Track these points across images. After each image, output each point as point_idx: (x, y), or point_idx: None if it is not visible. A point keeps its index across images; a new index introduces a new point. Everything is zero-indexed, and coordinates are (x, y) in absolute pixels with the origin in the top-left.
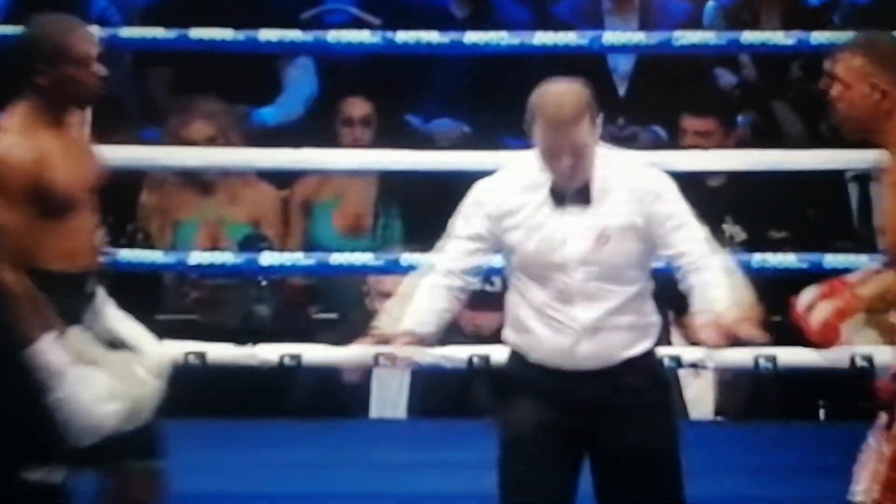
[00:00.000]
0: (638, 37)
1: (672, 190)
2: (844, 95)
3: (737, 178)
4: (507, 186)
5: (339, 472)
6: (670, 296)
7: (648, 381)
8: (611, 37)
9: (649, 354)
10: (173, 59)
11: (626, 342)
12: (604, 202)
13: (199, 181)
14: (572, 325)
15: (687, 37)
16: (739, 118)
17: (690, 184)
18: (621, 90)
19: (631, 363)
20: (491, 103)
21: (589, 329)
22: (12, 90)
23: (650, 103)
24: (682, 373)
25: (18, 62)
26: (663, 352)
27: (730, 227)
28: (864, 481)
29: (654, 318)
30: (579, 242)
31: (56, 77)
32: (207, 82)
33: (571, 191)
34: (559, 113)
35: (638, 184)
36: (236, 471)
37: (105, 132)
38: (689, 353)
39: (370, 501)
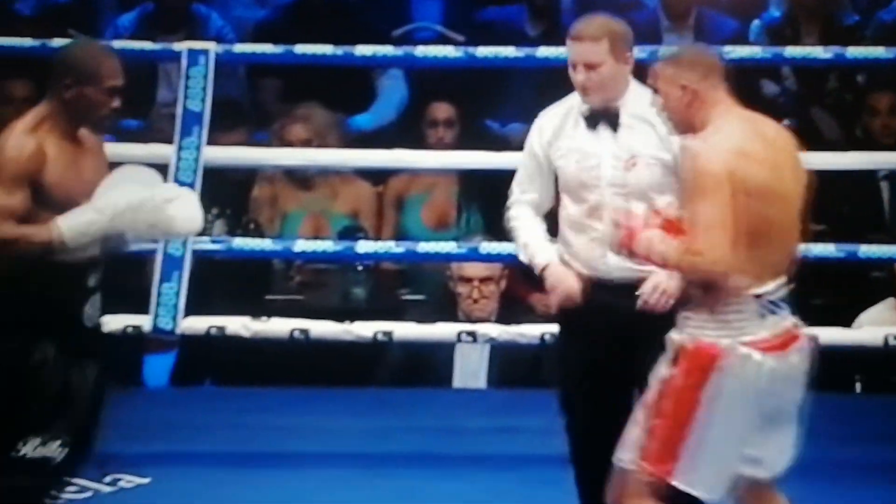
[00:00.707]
0: None
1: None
2: (665, 103)
3: None
4: (556, 114)
5: (424, 436)
6: None
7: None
8: (668, 51)
9: None
10: (281, 71)
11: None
12: (634, 130)
13: (303, 178)
14: (601, 237)
15: (736, 51)
16: (784, 123)
17: None
18: None
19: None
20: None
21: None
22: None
23: None
24: None
25: (53, 70)
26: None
27: None
28: (627, 447)
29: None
30: (609, 164)
31: (78, 95)
32: (311, 92)
33: (601, 114)
34: (578, 29)
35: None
36: (335, 434)
37: (224, 134)
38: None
39: (452, 462)
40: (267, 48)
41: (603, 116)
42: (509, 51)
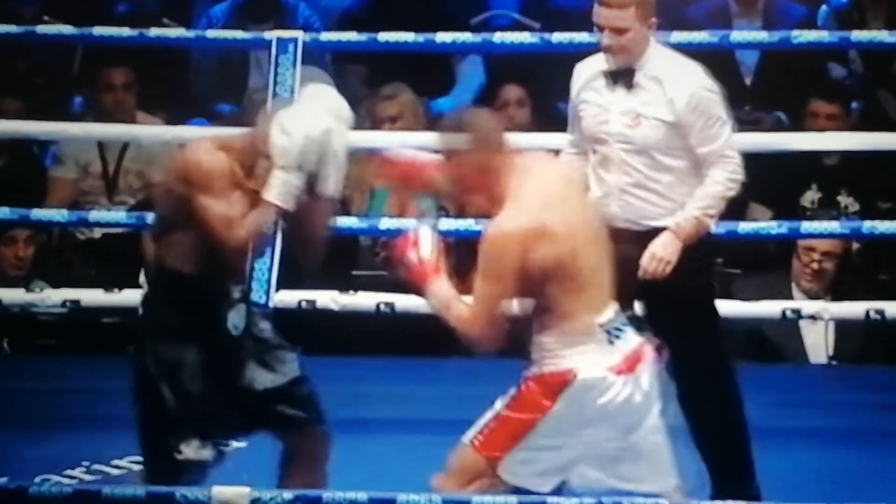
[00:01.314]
0: (762, 35)
1: (711, 104)
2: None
3: (849, 157)
4: (587, 68)
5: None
6: (790, 256)
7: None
8: (738, 35)
9: None
10: (365, 58)
11: (653, 213)
12: (646, 90)
13: None
14: (607, 188)
15: (804, 35)
16: (852, 105)
17: (810, 162)
18: (748, 81)
19: (658, 232)
20: None
21: (616, 192)
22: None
23: (774, 92)
24: (801, 322)
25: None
26: (786, 305)
27: (844, 199)
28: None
29: (682, 200)
30: (618, 120)
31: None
32: (394, 77)
33: (619, 74)
34: None
35: (683, 87)
36: (420, 400)
37: None
38: (807, 307)
39: None
40: (352, 36)
41: (621, 75)
42: (583, 36)
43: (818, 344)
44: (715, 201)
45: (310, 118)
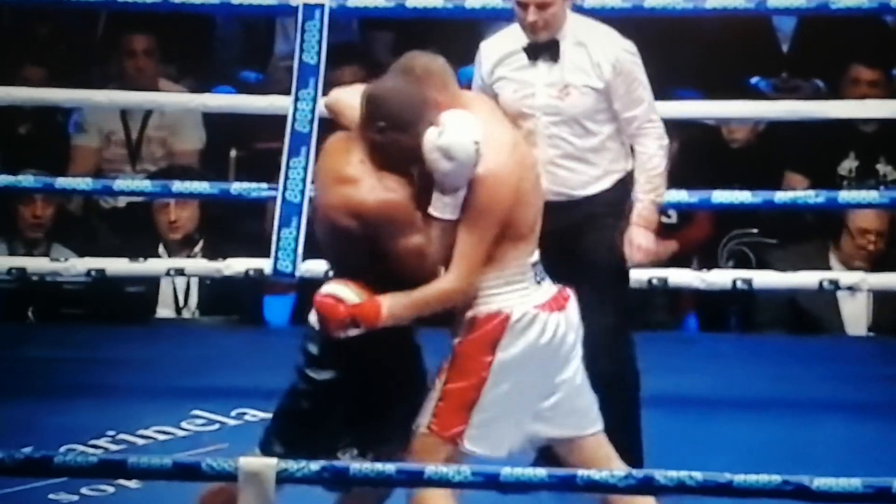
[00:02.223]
0: (799, 1)
1: (634, 67)
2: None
3: (887, 125)
4: (497, 45)
5: None
6: (828, 225)
7: (603, 209)
8: (774, 1)
9: (607, 192)
10: (392, 25)
11: (581, 182)
12: (571, 59)
13: None
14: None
15: (843, 0)
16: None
17: (848, 130)
18: (784, 47)
19: (589, 199)
20: (667, 59)
21: (545, 165)
22: None
23: (811, 59)
24: (839, 294)
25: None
26: (823, 275)
27: (882, 167)
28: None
29: (616, 166)
30: (545, 93)
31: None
32: (422, 44)
33: (542, 47)
34: None
35: (608, 51)
36: None
37: (339, 69)
38: (845, 277)
39: None
40: (379, 2)
41: (544, 48)
42: (616, 1)
43: (857, 315)
44: (661, 180)
45: (468, 143)
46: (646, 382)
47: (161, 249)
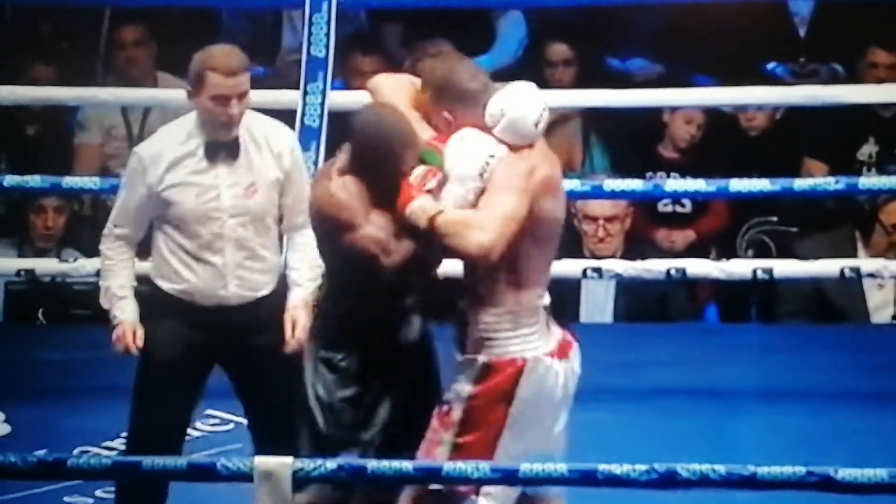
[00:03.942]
0: None
1: (300, 152)
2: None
3: None
4: (160, 151)
5: None
6: (856, 216)
7: (273, 318)
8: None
9: (274, 294)
10: (401, 16)
11: (263, 282)
12: (252, 154)
13: None
14: (219, 269)
15: None
16: None
17: (866, 115)
18: (802, 32)
19: (266, 299)
20: (683, 45)
21: (232, 270)
22: None
23: (829, 43)
24: (865, 285)
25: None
26: (844, 263)
27: None
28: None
29: (277, 260)
30: (230, 193)
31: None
32: (431, 35)
33: (221, 146)
34: (228, 62)
35: (284, 140)
36: None
37: (361, 58)
38: (867, 265)
39: (581, 396)
40: None
41: (221, 147)
42: None
43: (884, 303)
44: (320, 270)
45: (490, 138)
46: (666, 374)
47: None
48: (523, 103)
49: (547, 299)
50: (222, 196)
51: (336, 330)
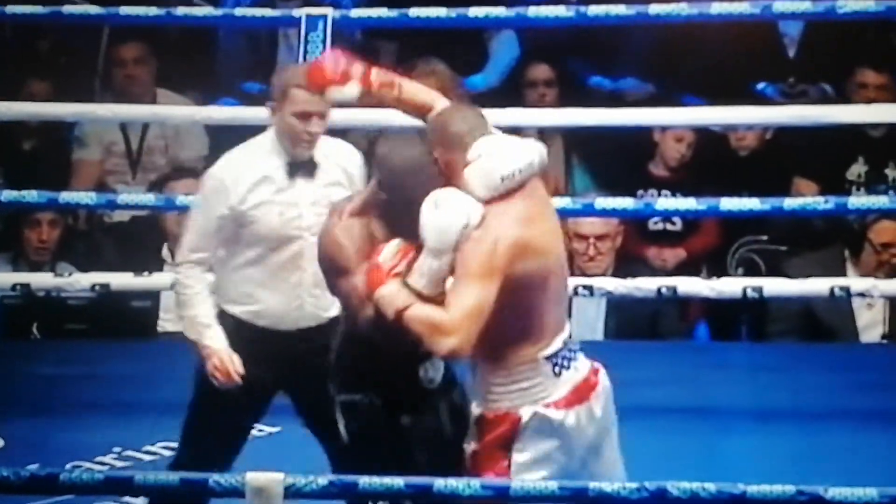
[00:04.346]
0: (805, 5)
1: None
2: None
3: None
4: (241, 171)
5: None
6: (845, 235)
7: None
8: (780, 6)
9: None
10: (396, 35)
11: (332, 302)
12: (326, 171)
13: None
14: (299, 287)
15: (850, 4)
16: None
17: (856, 134)
18: (791, 52)
19: (334, 321)
20: (674, 65)
21: (310, 288)
22: None
23: (818, 63)
24: (855, 304)
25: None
26: (834, 282)
27: (891, 171)
28: None
29: None
30: (311, 212)
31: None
32: (426, 54)
33: (299, 164)
34: (312, 77)
35: (350, 160)
36: None
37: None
38: (857, 284)
39: None
40: (382, 12)
41: (300, 166)
42: (620, 9)
43: (873, 323)
44: None
45: (465, 202)
46: (656, 392)
47: (165, 252)
48: (497, 154)
49: (554, 347)
50: (304, 215)
51: (352, 372)
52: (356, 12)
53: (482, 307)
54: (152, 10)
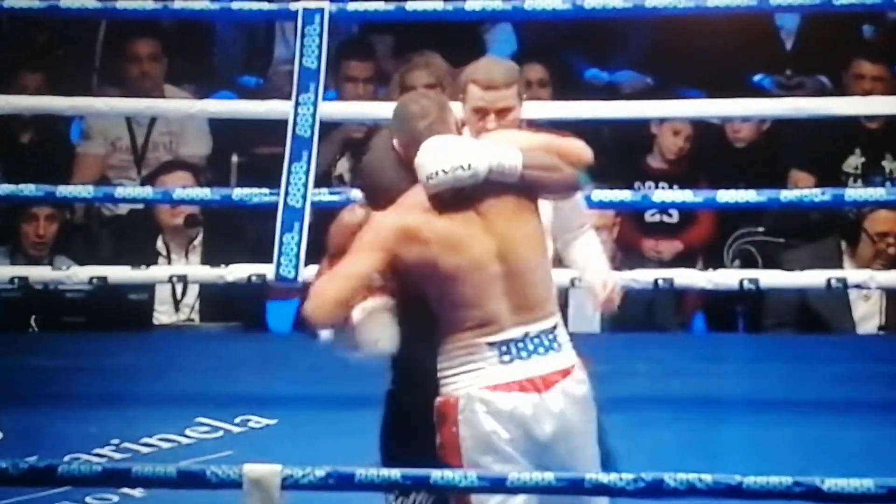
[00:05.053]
0: None
1: None
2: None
3: (893, 120)
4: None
5: None
6: (841, 227)
7: None
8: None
9: None
10: (392, 28)
11: None
12: None
13: None
14: None
15: None
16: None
17: (852, 126)
18: (788, 44)
19: None
20: (671, 58)
21: None
22: None
23: (815, 56)
24: (851, 296)
25: None
26: (830, 274)
27: (888, 163)
28: None
29: None
30: None
31: None
32: (422, 47)
33: None
34: (491, 76)
35: None
36: None
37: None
38: (853, 276)
39: None
40: (379, 6)
41: None
42: (617, 1)
43: (869, 314)
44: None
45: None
46: (653, 383)
47: (160, 244)
48: (432, 154)
49: (507, 335)
50: None
51: (393, 366)
52: (353, 6)
53: (345, 278)
54: (149, 4)
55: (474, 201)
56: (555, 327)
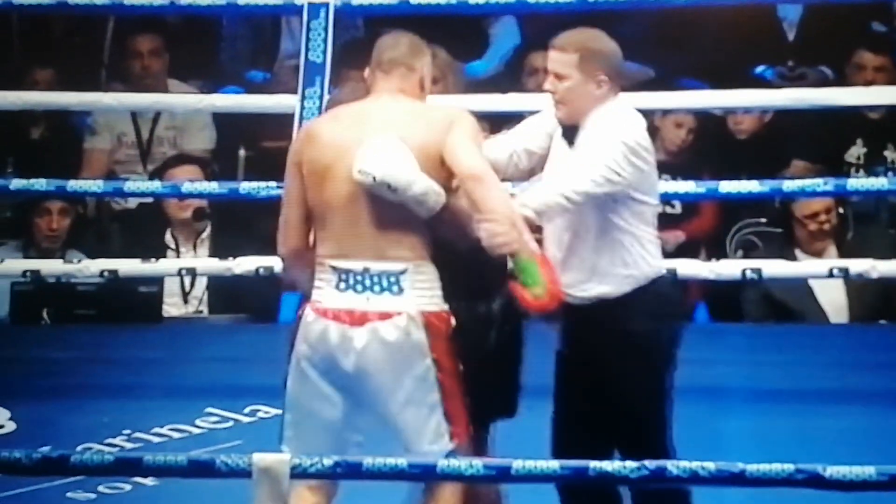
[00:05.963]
0: None
1: None
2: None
3: (894, 111)
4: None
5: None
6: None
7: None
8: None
9: None
10: (397, 22)
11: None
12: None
13: None
14: None
15: None
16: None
17: (855, 116)
18: (790, 36)
19: None
20: (673, 49)
21: None
22: None
23: (817, 47)
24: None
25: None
26: (832, 263)
27: (890, 153)
28: None
29: None
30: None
31: None
32: (426, 40)
33: (567, 129)
34: (559, 38)
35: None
36: None
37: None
38: (855, 265)
39: None
40: (384, 0)
41: (567, 130)
42: None
43: (836, 304)
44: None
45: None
46: None
47: (168, 237)
48: (376, 154)
49: (352, 264)
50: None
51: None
52: (358, 0)
53: (286, 200)
54: (157, 0)
55: (385, 129)
56: (403, 272)
